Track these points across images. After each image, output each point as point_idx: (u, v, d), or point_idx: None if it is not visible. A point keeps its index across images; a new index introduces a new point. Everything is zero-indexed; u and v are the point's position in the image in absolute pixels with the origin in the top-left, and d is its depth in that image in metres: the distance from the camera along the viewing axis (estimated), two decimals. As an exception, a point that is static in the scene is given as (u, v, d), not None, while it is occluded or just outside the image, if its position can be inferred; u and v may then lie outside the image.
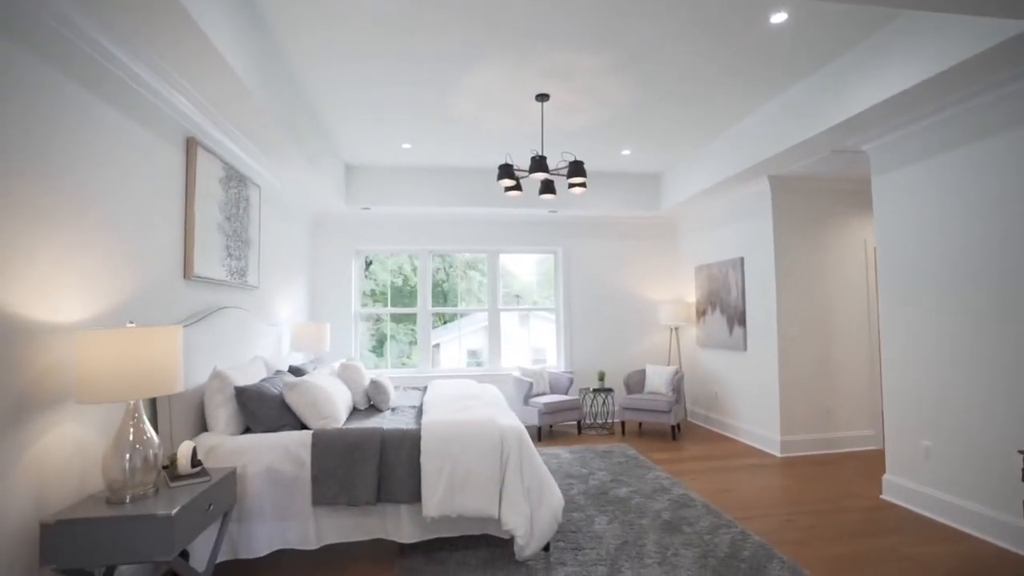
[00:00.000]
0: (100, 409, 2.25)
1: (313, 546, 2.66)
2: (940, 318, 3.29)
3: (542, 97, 3.99)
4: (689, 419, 6.43)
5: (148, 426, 2.12)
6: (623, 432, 5.76)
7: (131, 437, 2.05)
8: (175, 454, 2.29)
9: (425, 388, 4.43)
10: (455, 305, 6.98)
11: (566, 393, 5.89)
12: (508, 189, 4.10)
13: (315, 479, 2.65)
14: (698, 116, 4.42)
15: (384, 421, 3.17)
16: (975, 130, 3.07)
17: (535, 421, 5.40)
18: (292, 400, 2.90)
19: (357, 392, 3.58)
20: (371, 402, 3.64)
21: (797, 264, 4.84)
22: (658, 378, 5.71)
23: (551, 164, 5.05)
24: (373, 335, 6.72)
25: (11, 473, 1.83)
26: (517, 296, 7.21)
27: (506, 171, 3.86)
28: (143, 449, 2.07)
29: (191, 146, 3.05)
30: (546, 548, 2.89)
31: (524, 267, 7.11)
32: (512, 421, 3.01)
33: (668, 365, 5.94)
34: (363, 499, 2.65)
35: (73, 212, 2.14)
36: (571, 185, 3.99)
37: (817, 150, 4.04)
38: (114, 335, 1.99)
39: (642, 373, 5.94)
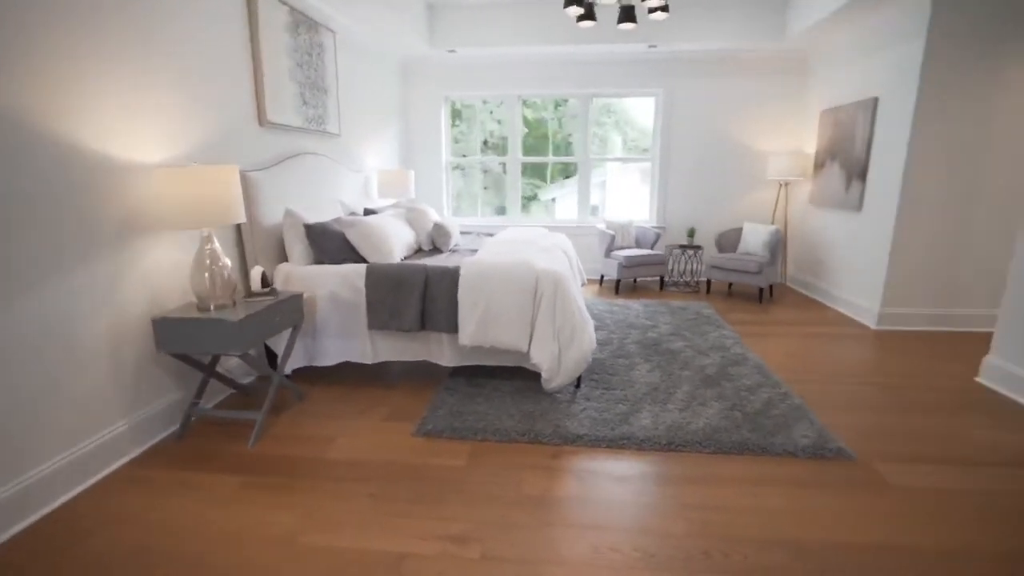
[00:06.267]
0: (190, 238, 2.72)
1: (371, 361, 3.14)
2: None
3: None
4: (788, 283, 5.98)
5: (220, 252, 2.54)
6: (708, 291, 5.58)
7: (207, 260, 2.49)
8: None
9: (493, 235, 4.60)
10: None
11: (652, 248, 5.74)
12: (579, 19, 3.69)
13: (369, 305, 3.03)
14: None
15: (438, 260, 3.42)
16: None
17: (614, 274, 5.42)
18: (351, 237, 3.24)
19: (422, 233, 3.84)
20: (435, 244, 3.91)
21: (946, 106, 3.89)
22: (755, 238, 5.29)
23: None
24: (487, 186, 6.78)
25: (128, 280, 2.37)
26: (645, 150, 6.71)
27: (572, -3, 3.43)
28: (218, 270, 2.51)
29: (249, -9, 3.13)
30: (577, 384, 3.11)
31: (650, 118, 6.45)
32: (553, 267, 3.06)
33: (769, 224, 5.41)
34: (409, 326, 3.00)
35: (148, 68, 2.40)
36: (651, 10, 3.48)
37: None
38: (179, 172, 2.32)
39: (738, 232, 5.52)
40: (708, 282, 5.55)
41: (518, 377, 3.24)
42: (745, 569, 1.73)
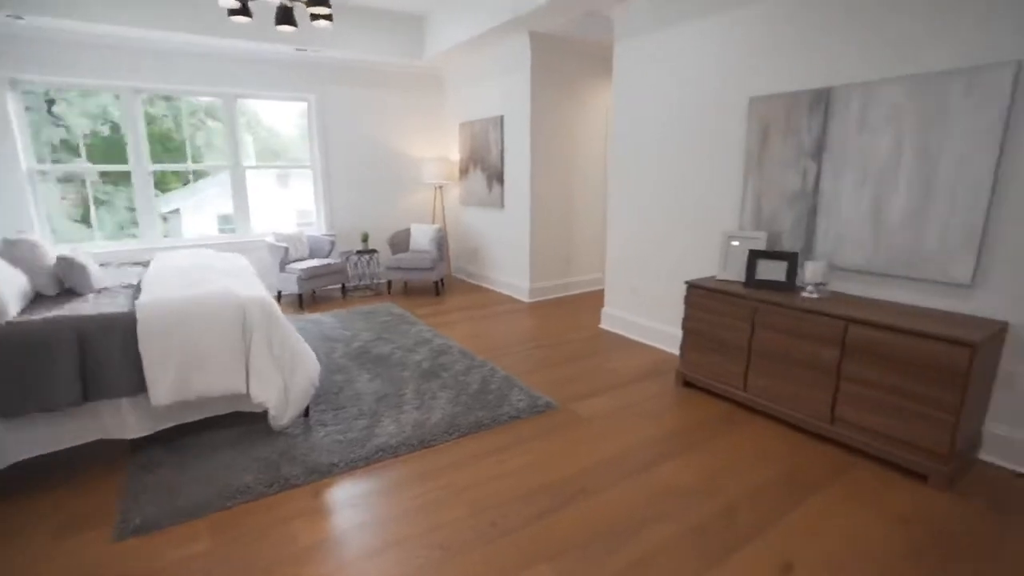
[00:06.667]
0: None
1: (-1, 465, 2.18)
2: (648, 179, 3.91)
3: None
4: (454, 275, 6.82)
5: None
6: (389, 291, 5.87)
7: None
8: None
9: (148, 263, 3.73)
10: (194, 162, 5.74)
11: (328, 257, 5.62)
12: (232, 13, 3.29)
13: (-18, 388, 2.08)
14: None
15: (86, 307, 2.59)
16: (698, 7, 3.44)
17: (294, 288, 5.10)
18: (-81, 293, 2.13)
19: (39, 275, 2.80)
20: (65, 285, 2.91)
21: (550, 125, 5.13)
22: (422, 237, 5.81)
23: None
24: (75, 203, 5.22)
25: None
26: (276, 153, 6.26)
27: (225, -12, 3.05)
28: None
29: None
30: (305, 414, 2.89)
31: (284, 119, 6.10)
32: (256, 292, 2.73)
33: (432, 224, 6.04)
34: (64, 402, 2.20)
35: None
36: (313, 17, 3.39)
37: (572, 8, 4.06)
38: None
39: (407, 232, 5.95)
40: (388, 283, 5.82)
41: (236, 424, 2.78)
42: (525, 521, 2.03)
